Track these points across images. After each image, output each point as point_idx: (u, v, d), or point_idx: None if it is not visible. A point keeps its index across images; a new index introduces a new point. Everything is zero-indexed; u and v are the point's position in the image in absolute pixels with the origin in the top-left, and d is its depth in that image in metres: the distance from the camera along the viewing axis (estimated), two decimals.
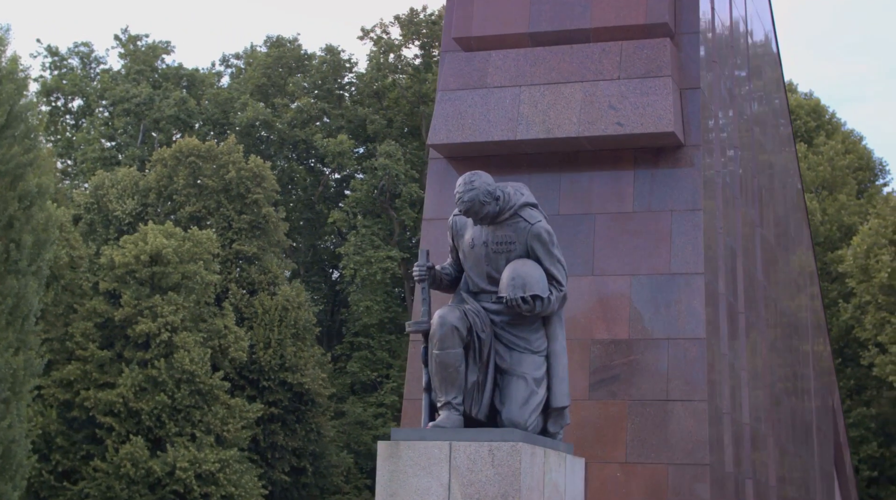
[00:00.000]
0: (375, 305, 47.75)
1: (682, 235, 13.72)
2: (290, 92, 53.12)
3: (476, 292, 10.90)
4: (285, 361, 40.94)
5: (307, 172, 53.96)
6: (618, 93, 13.87)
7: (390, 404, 47.22)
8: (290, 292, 42.05)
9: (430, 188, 14.92)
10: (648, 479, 13.04)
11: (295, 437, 41.86)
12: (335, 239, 55.55)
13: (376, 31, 52.11)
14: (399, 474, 10.03)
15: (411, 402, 14.15)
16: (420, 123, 51.49)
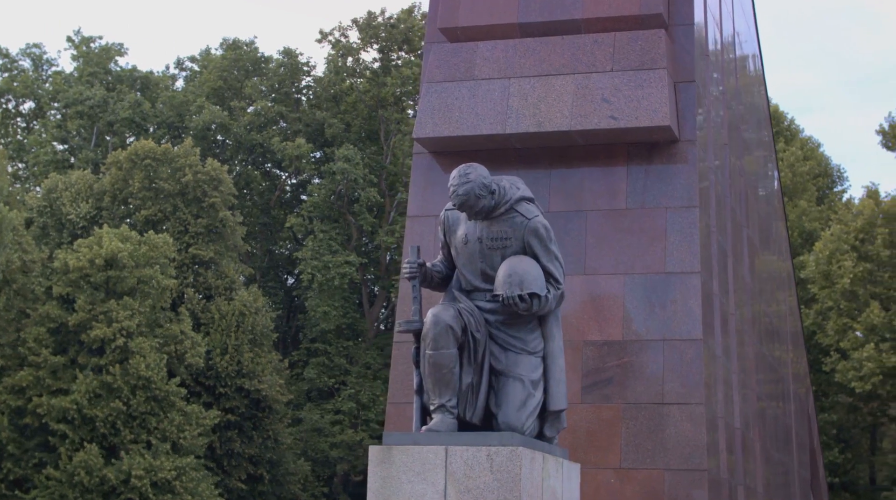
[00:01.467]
0: (333, 310, 47.16)
1: (678, 233, 13.29)
2: (247, 95, 52.45)
3: (469, 290, 10.42)
4: (242, 367, 40.30)
5: (263, 176, 53.30)
6: (611, 85, 13.43)
7: (348, 411, 46.68)
8: (248, 298, 41.43)
9: (415, 185, 14.43)
10: (644, 485, 12.60)
11: (252, 444, 41.22)
12: (291, 244, 54.91)
13: (334, 35, 51.57)
14: (392, 480, 9.52)
15: (396, 406, 13.64)
16: (378, 127, 50.99)
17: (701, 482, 12.55)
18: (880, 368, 36.79)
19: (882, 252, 38.54)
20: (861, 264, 38.73)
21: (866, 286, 39.01)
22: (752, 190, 18.24)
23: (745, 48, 18.79)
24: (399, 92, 50.54)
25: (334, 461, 45.82)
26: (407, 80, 49.57)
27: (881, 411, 43.56)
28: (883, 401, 42.06)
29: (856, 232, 39.34)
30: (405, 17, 50.91)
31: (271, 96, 52.64)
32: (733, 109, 17.02)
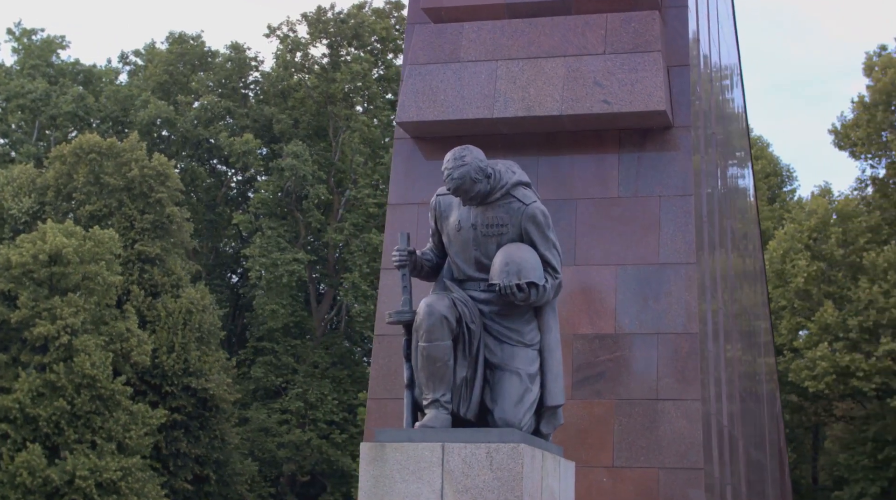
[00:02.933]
0: (281, 308, 46.48)
1: (672, 222, 12.83)
2: (194, 90, 51.60)
3: (462, 279, 9.91)
4: (189, 365, 39.58)
5: (208, 173, 52.49)
6: (603, 69, 12.94)
7: (295, 411, 46.05)
8: (195, 295, 40.69)
9: (396, 171, 13.86)
10: (638, 484, 12.13)
11: (198, 444, 40.49)
12: (235, 243, 54.16)
13: (283, 29, 50.84)
14: (385, 479, 8.99)
15: (377, 401, 13.07)
16: (327, 123, 50.34)
17: (697, 482, 12.11)
18: (833, 367, 36.69)
19: (835, 251, 38.48)
20: (814, 264, 38.66)
21: (820, 286, 38.94)
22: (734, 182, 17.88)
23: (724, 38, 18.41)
24: (348, 88, 49.93)
25: (281, 461, 45.17)
26: (357, 76, 48.96)
27: (826, 411, 43.57)
28: (829, 401, 42.05)
29: (809, 231, 39.27)
30: (355, 12, 50.31)
31: (218, 91, 51.81)
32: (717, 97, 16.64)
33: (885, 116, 40.35)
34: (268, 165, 49.92)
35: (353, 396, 47.21)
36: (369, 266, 46.88)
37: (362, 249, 47.05)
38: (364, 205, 47.85)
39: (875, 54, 42.57)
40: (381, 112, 50.44)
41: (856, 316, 36.83)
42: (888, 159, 41.44)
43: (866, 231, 39.23)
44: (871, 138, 41.05)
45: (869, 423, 39.27)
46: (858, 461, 38.70)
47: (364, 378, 48.00)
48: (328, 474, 46.74)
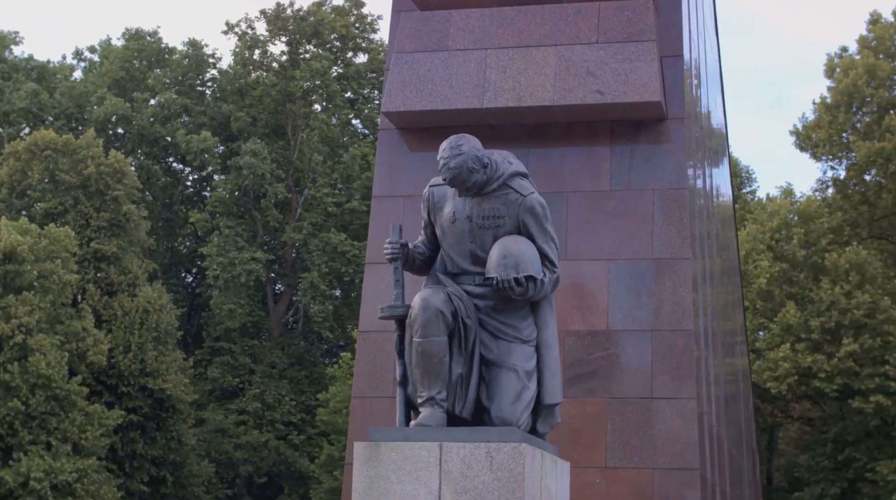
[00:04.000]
0: (238, 308, 45.95)
1: (666, 216, 12.52)
2: (150, 87, 50.94)
3: (456, 273, 9.55)
4: (146, 365, 39.03)
5: (164, 171, 51.85)
6: (596, 58, 12.63)
7: (253, 412, 45.56)
8: (152, 294, 40.14)
9: (381, 163, 13.48)
10: (632, 485, 11.82)
11: (155, 445, 39.95)
12: (190, 242, 53.57)
13: (241, 26, 50.31)
14: (380, 480, 8.62)
15: (362, 400, 12.69)
16: (286, 121, 49.86)
17: (693, 482, 11.82)
18: (796, 368, 36.64)
19: (798, 252, 38.46)
20: (776, 265, 38.63)
21: (782, 286, 38.91)
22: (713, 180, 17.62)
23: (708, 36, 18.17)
24: (307, 86, 49.48)
25: (238, 462, 44.67)
26: (316, 75, 48.52)
27: (782, 412, 43.59)
28: (786, 402, 42.05)
29: (771, 232, 39.23)
30: (315, 10, 49.86)
31: (175, 89, 51.18)
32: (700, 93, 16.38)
33: (846, 118, 40.40)
34: (225, 163, 49.37)
35: (310, 397, 46.80)
36: (328, 266, 46.47)
37: (321, 248, 46.62)
38: (323, 204, 47.41)
39: (836, 56, 42.64)
40: (341, 111, 50.04)
41: (818, 317, 36.81)
42: (849, 161, 41.49)
43: (828, 232, 39.24)
44: (833, 139, 41.10)
45: (829, 424, 39.28)
46: (819, 462, 38.68)
47: (322, 379, 47.61)
48: (285, 475, 46.30)
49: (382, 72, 50.84)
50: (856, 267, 37.07)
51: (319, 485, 42.00)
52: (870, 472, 36.95)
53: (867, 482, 37.35)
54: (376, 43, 52.06)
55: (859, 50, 41.72)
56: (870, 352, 36.32)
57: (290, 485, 46.43)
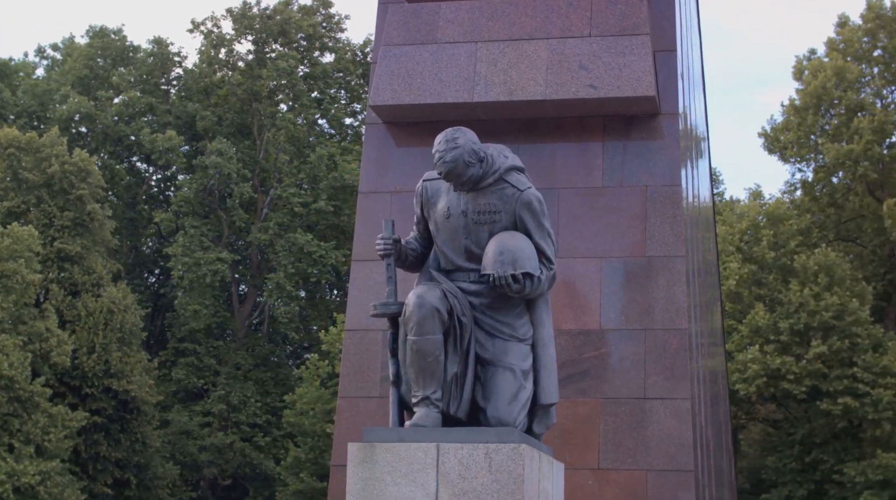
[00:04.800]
0: (203, 309, 45.52)
1: (659, 213, 12.30)
2: (115, 85, 50.40)
3: (450, 270, 9.33)
4: (110, 367, 38.56)
5: (127, 171, 51.34)
6: (589, 52, 12.41)
7: (218, 413, 45.15)
8: (116, 294, 39.67)
9: (367, 158, 13.20)
10: (625, 487, 11.60)
11: (119, 447, 39.48)
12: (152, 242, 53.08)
13: (207, 25, 49.88)
14: (375, 482, 8.38)
15: (348, 400, 12.42)
16: (252, 121, 49.47)
17: (687, 484, 11.62)
18: (765, 370, 36.63)
19: (767, 254, 38.48)
20: (746, 266, 38.63)
21: (751, 288, 38.91)
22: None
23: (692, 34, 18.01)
24: (274, 85, 49.12)
25: (203, 464, 44.24)
26: (282, 74, 48.15)
27: (747, 414, 43.60)
28: (751, 403, 42.07)
29: (741, 234, 39.23)
30: (282, 8, 49.48)
31: (140, 87, 50.66)
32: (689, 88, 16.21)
33: (814, 120, 40.47)
34: (190, 162, 48.93)
35: (276, 398, 46.44)
36: (294, 266, 46.12)
37: (287, 249, 46.25)
38: (289, 204, 47.05)
39: (805, 58, 42.73)
40: (307, 110, 49.68)
41: (787, 319, 36.83)
42: (817, 163, 41.58)
43: (797, 234, 39.31)
44: (801, 142, 41.16)
45: (796, 426, 39.31)
46: (786, 464, 38.71)
47: (287, 380, 47.27)
48: (250, 477, 45.91)
49: (349, 72, 50.61)
50: (824, 269, 37.12)
51: (285, 487, 41.67)
52: (837, 474, 37.04)
53: (834, 484, 37.42)
54: (343, 42, 51.76)
55: (827, 52, 41.83)
56: (838, 354, 36.39)
57: (255, 487, 46.05)
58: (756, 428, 45.59)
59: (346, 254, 47.54)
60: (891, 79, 41.20)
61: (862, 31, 41.41)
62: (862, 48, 41.38)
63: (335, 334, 41.30)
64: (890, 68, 41.07)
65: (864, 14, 41.46)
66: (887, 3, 41.19)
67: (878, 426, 35.79)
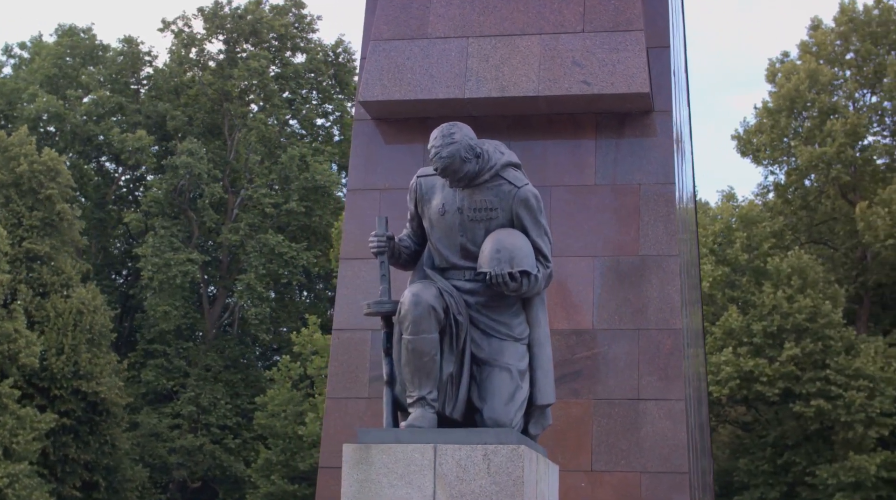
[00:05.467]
0: (173, 310, 45.16)
1: (653, 212, 12.15)
2: (84, 84, 49.95)
3: (444, 268, 9.15)
4: (79, 368, 38.18)
5: (95, 171, 50.91)
6: (582, 47, 12.23)
7: (187, 415, 44.79)
8: (86, 295, 39.29)
9: (356, 155, 12.98)
10: (618, 489, 11.43)
11: (88, 449, 39.10)
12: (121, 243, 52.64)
13: (178, 24, 49.51)
14: (370, 483, 8.19)
15: (336, 401, 12.20)
16: (222, 121, 49.14)
17: (682, 486, 11.46)
18: (738, 372, 36.61)
19: (740, 256, 38.48)
20: (719, 268, 38.61)
21: (724, 290, 38.90)
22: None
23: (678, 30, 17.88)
24: (245, 85, 48.80)
25: (172, 466, 43.89)
26: (254, 74, 47.83)
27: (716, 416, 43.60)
28: (721, 406, 42.07)
29: (714, 236, 39.21)
30: (253, 8, 49.17)
31: (109, 86, 50.22)
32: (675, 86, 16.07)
33: (787, 122, 40.52)
34: (160, 162, 48.55)
35: (246, 400, 46.14)
36: (265, 267, 45.83)
37: (258, 250, 45.96)
38: (260, 205, 46.76)
39: (778, 61, 42.81)
40: (279, 111, 49.37)
41: (760, 321, 36.83)
42: (790, 166, 41.63)
43: (770, 236, 39.34)
44: (775, 144, 41.21)
45: (768, 428, 39.34)
46: (758, 466, 38.73)
47: (258, 382, 46.99)
48: (220, 480, 45.59)
49: (321, 72, 50.33)
50: (797, 271, 37.15)
51: (255, 490, 41.37)
52: (809, 476, 37.07)
53: (806, 486, 37.45)
54: (315, 43, 51.51)
55: (800, 55, 41.90)
56: (811, 356, 36.43)
57: (224, 490, 45.73)
58: (725, 431, 45.61)
59: (317, 255, 47.32)
60: (863, 82, 41.32)
61: (835, 34, 41.51)
62: (835, 51, 41.48)
63: (307, 336, 41.05)
64: (862, 72, 41.19)
65: (836, 17, 41.57)
66: (860, 7, 41.29)
67: (851, 429, 35.83)
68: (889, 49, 40.98)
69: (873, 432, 35.83)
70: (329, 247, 45.93)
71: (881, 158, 40.97)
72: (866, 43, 40.78)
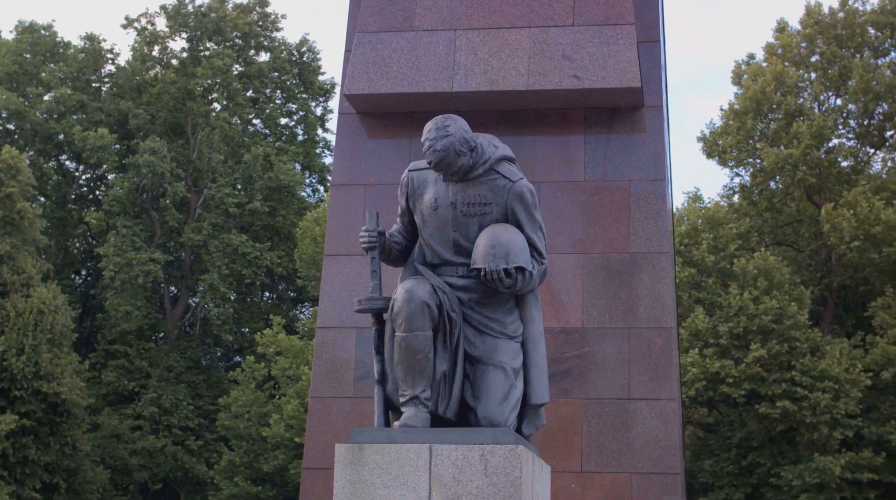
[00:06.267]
0: (135, 310, 44.68)
1: (643, 208, 11.97)
2: (45, 81, 49.37)
3: (437, 264, 8.94)
4: (40, 368, 37.61)
5: (56, 170, 50.33)
6: (572, 41, 12.04)
7: (149, 416, 44.33)
8: (47, 295, 38.75)
9: (340, 149, 12.73)
10: (609, 491, 11.25)
11: (48, 451, 38.52)
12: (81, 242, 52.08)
13: (141, 22, 49.00)
14: (363, 484, 7.97)
15: (321, 401, 11.94)
16: (185, 120, 48.69)
17: (674, 487, 11.30)
18: (704, 374, 36.59)
19: (706, 257, 38.47)
20: (686, 270, 38.56)
21: (690, 292, 38.87)
22: None
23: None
24: (208, 84, 48.37)
25: (133, 468, 43.43)
26: (217, 72, 47.42)
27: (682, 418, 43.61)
28: (685, 407, 42.07)
29: (680, 237, 39.18)
30: (217, 6, 48.73)
31: (71, 84, 49.65)
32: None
33: (754, 124, 40.56)
34: (122, 161, 48.04)
35: (209, 401, 45.75)
36: (228, 267, 45.45)
37: (221, 250, 45.57)
38: (224, 205, 46.37)
39: (744, 62, 42.88)
40: (242, 110, 48.98)
41: (726, 323, 36.83)
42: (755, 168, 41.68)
43: (736, 238, 39.36)
44: (741, 146, 41.24)
45: (733, 429, 39.37)
46: (723, 468, 38.74)
47: (220, 383, 46.62)
48: (182, 481, 45.17)
49: (285, 71, 49.97)
50: (764, 273, 37.18)
51: (218, 492, 41.00)
52: (774, 477, 37.10)
53: (771, 487, 37.49)
54: (279, 42, 51.15)
55: (766, 57, 41.98)
56: (777, 358, 36.45)
57: (186, 492, 45.31)
58: (687, 432, 45.65)
59: (280, 256, 46.99)
60: (828, 84, 41.42)
61: (800, 36, 41.60)
62: (800, 54, 41.57)
63: (271, 336, 40.74)
64: (827, 74, 41.29)
65: (802, 20, 41.67)
66: (826, 10, 41.41)
67: (816, 430, 35.89)
68: (854, 52, 41.10)
69: (838, 433, 35.89)
70: (293, 247, 45.63)
71: (846, 160, 41.07)
72: (832, 45, 40.88)
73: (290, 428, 37.50)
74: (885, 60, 41.35)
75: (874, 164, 42.50)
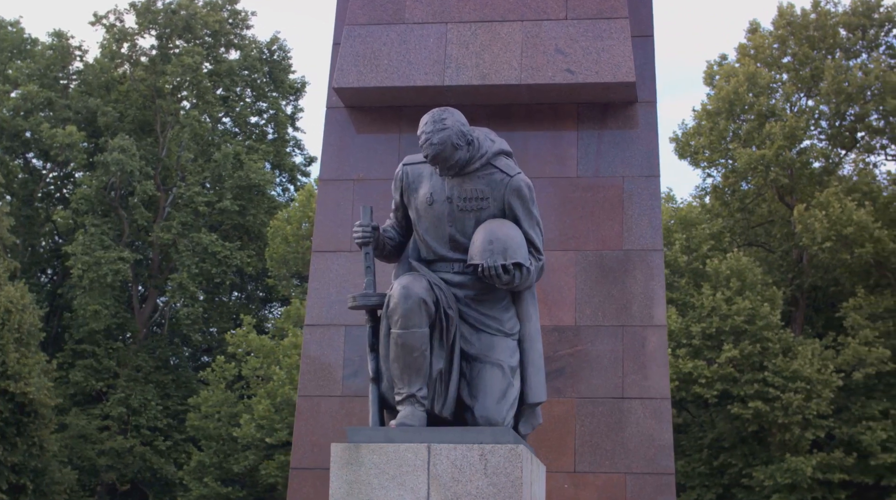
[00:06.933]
0: (104, 309, 44.27)
1: (637, 205, 11.82)
2: (12, 78, 48.85)
3: (432, 260, 8.77)
4: (7, 368, 37.18)
5: (21, 167, 49.82)
6: (566, 35, 11.88)
7: (117, 417, 43.94)
8: (14, 294, 38.32)
9: (328, 144, 12.51)
10: (603, 491, 11.10)
11: (15, 452, 38.07)
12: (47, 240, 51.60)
13: (109, 18, 48.58)
14: (360, 485, 7.79)
15: (309, 399, 11.73)
16: (154, 118, 48.29)
17: (668, 487, 11.16)
18: (677, 374, 36.54)
19: (679, 258, 38.44)
20: None
21: None
22: None
23: None
24: (178, 82, 47.98)
25: (101, 468, 43.03)
26: (187, 70, 47.05)
27: None
28: None
29: None
30: (187, 3, 48.34)
31: (38, 81, 49.14)
32: None
33: (726, 124, 40.59)
34: (90, 159, 47.60)
35: (177, 401, 45.39)
36: (198, 267, 45.11)
37: (190, 248, 45.23)
38: (193, 204, 46.02)
39: (716, 63, 42.91)
40: (212, 108, 48.62)
41: (699, 323, 36.80)
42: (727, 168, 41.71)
43: (708, 238, 39.37)
44: (713, 146, 41.26)
45: (704, 430, 39.38)
46: (694, 468, 38.73)
47: (189, 383, 46.28)
48: (150, 482, 44.80)
49: (256, 69, 49.66)
50: (736, 273, 37.20)
51: (186, 492, 40.68)
52: (745, 477, 37.14)
53: (742, 488, 37.52)
54: (250, 40, 50.83)
55: (738, 58, 42.02)
56: (749, 358, 36.46)
57: (154, 492, 44.94)
58: None
59: (250, 255, 46.69)
60: (800, 85, 41.49)
61: (773, 37, 41.65)
62: (772, 55, 41.62)
63: (241, 336, 40.46)
64: (799, 75, 41.36)
65: (774, 21, 41.72)
66: (798, 11, 41.48)
67: (787, 430, 35.93)
68: (826, 53, 41.18)
69: (809, 433, 35.96)
70: (263, 246, 45.35)
71: (818, 161, 41.15)
72: (804, 47, 40.95)
73: (260, 428, 37.25)
74: (856, 62, 41.46)
75: (845, 165, 42.61)
